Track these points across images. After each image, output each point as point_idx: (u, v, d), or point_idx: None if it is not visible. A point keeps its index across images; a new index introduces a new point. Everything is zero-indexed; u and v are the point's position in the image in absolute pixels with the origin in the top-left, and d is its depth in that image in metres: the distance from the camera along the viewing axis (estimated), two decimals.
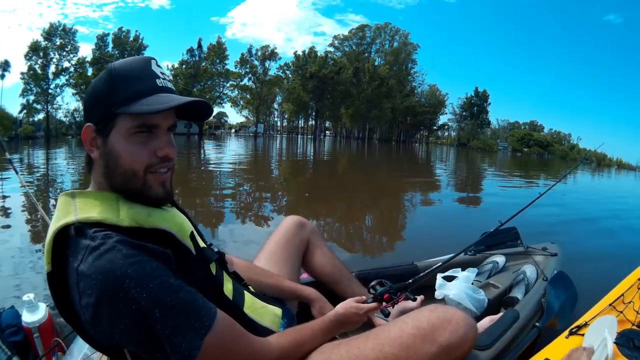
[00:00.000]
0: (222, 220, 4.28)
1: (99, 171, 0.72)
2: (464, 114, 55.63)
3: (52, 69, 34.70)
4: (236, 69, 44.51)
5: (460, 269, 1.65)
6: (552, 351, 1.06)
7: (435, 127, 60.48)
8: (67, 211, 0.68)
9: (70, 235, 0.66)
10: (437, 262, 1.57)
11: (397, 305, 1.01)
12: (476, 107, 54.17)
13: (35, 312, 1.27)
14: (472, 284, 1.56)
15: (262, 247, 1.31)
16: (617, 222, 5.59)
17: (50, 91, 34.82)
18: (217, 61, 42.09)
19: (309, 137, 51.26)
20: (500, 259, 1.88)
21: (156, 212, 0.73)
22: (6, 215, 4.08)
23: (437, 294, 1.54)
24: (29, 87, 34.04)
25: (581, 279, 1.79)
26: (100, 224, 0.66)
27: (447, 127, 60.76)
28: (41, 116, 34.98)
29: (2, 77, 32.15)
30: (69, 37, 35.26)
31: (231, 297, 0.84)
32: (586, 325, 1.11)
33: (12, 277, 2.31)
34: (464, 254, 1.86)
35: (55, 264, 0.67)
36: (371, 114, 47.80)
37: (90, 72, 35.48)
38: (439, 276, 1.60)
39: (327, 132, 59.62)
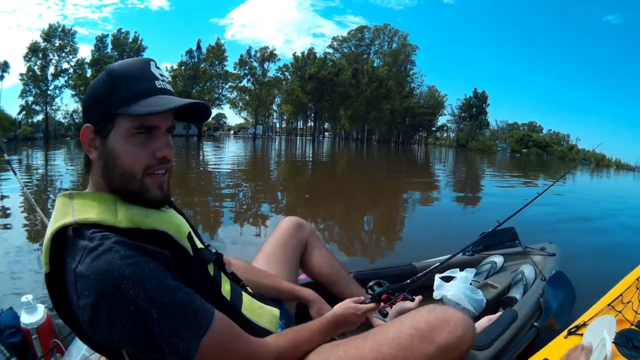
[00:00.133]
0: (221, 221, 4.28)
1: (97, 172, 0.72)
2: (463, 115, 55.69)
3: (51, 70, 34.83)
4: (235, 70, 44.63)
5: (458, 270, 1.66)
6: (551, 351, 1.05)
7: (434, 129, 60.46)
8: (65, 212, 0.68)
9: (68, 236, 0.66)
10: (435, 262, 1.57)
11: (395, 305, 1.01)
12: (475, 108, 54.24)
13: (33, 314, 1.27)
14: (471, 284, 1.56)
15: (260, 248, 1.31)
16: (616, 222, 5.60)
17: (49, 92, 34.92)
18: (216, 62, 42.14)
19: (308, 138, 51.21)
20: (498, 259, 1.88)
21: (154, 213, 0.74)
22: (5, 216, 4.08)
23: (436, 295, 1.54)
24: (28, 88, 34.16)
25: (580, 278, 1.80)
26: (98, 225, 0.66)
27: (446, 128, 60.87)
28: (40, 117, 35.11)
29: (2, 78, 32.23)
30: (68, 38, 35.40)
31: (229, 298, 0.84)
32: (585, 325, 1.10)
33: (11, 279, 2.30)
34: (462, 255, 1.87)
35: (53, 265, 0.67)
36: (370, 116, 47.84)
37: (89, 73, 35.51)
38: (437, 276, 1.60)
39: (326, 133, 59.54)
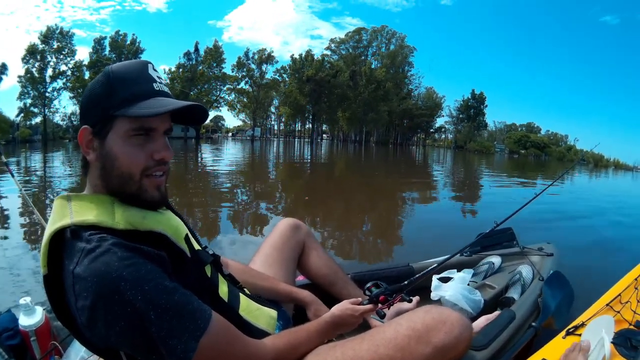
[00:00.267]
0: (218, 223, 4.27)
1: (95, 173, 0.72)
2: (461, 116, 55.70)
3: (50, 72, 34.75)
4: (233, 72, 44.51)
5: (456, 270, 1.66)
6: (549, 351, 1.05)
7: (432, 130, 60.49)
8: (62, 214, 0.68)
9: (66, 238, 0.66)
10: (433, 263, 1.57)
11: (393, 306, 1.02)
12: (473, 110, 54.27)
13: (32, 316, 1.26)
14: (468, 285, 1.56)
15: (258, 249, 1.31)
16: (614, 222, 5.61)
17: (47, 94, 34.82)
18: (214, 65, 42.03)
19: (306, 140, 51.20)
20: (496, 260, 1.88)
21: (151, 215, 0.74)
22: (3, 218, 4.07)
23: (433, 295, 1.54)
24: (26, 91, 34.09)
25: (578, 278, 1.80)
26: (95, 226, 0.66)
27: (444, 129, 60.89)
28: (38, 119, 35.05)
29: (0, 80, 32.14)
30: (66, 40, 35.32)
31: (226, 300, 0.84)
32: (583, 325, 1.10)
33: (9, 281, 2.30)
34: (459, 255, 1.86)
35: (51, 267, 0.67)
36: (368, 117, 47.84)
37: (87, 75, 35.42)
38: (435, 277, 1.60)
39: (324, 135, 59.47)
